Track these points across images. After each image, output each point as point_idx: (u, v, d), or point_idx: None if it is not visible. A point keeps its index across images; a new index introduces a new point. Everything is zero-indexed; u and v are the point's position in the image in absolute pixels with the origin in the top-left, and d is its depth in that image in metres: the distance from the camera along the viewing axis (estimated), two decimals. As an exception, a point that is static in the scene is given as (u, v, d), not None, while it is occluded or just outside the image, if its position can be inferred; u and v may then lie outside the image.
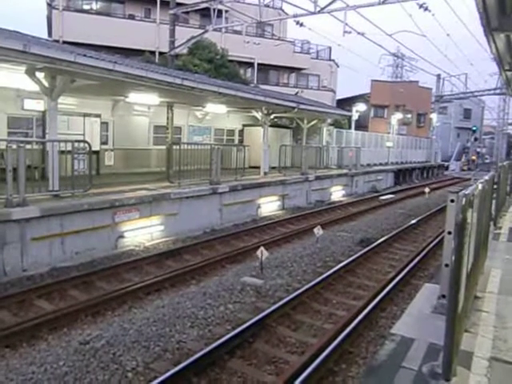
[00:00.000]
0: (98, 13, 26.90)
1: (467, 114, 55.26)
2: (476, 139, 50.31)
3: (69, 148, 9.39)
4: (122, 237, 9.71)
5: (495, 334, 3.55)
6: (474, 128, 46.73)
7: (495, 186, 7.60)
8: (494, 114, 53.47)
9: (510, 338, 3.47)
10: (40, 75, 9.27)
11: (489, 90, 39.02)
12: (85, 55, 9.21)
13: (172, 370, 4.55)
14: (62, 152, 9.48)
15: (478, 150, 51.69)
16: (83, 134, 13.58)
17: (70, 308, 6.31)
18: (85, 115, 14.01)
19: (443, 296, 4.05)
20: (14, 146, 7.90)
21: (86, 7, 27.61)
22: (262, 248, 8.30)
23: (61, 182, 9.41)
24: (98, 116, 14.58)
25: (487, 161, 52.89)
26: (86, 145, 9.91)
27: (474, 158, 47.94)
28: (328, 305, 6.94)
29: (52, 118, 9.66)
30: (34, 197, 8.46)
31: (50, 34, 25.45)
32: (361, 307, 6.46)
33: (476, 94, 39.94)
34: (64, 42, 21.42)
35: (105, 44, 23.26)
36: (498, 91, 38.36)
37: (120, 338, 5.42)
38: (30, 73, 9.06)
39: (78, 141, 10.36)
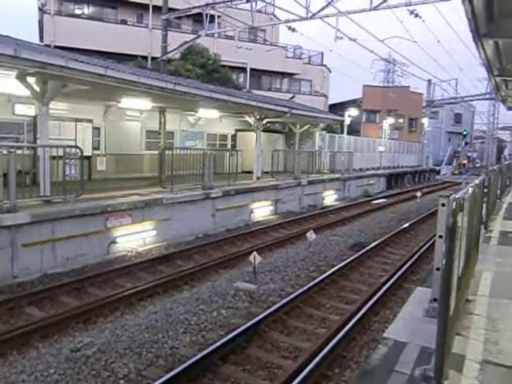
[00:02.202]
0: (90, 18, 26.85)
1: (458, 118, 55.81)
2: (467, 143, 50.71)
3: (60, 153, 9.33)
4: (114, 242, 9.64)
5: (486, 336, 3.57)
6: (465, 132, 47.13)
7: (486, 190, 7.67)
8: (484, 118, 54.07)
9: (501, 341, 3.49)
10: (31, 80, 9.22)
11: (479, 95, 39.51)
12: (76, 60, 9.19)
13: (164, 376, 4.52)
14: (54, 157, 9.42)
15: (469, 154, 52.06)
16: (75, 140, 13.50)
17: (61, 315, 6.24)
18: (76, 120, 13.93)
19: (435, 299, 4.08)
20: (5, 151, 7.82)
21: (77, 12, 27.55)
22: (254, 253, 8.29)
23: (52, 188, 9.35)
24: (90, 121, 14.50)
25: (478, 165, 53.31)
26: (78, 150, 9.85)
27: (464, 162, 48.25)
28: (321, 309, 6.93)
29: (43, 123, 9.61)
30: (25, 202, 8.38)
31: (41, 38, 25.36)
32: (354, 311, 6.47)
33: (466, 99, 40.43)
34: (56, 47, 21.33)
35: (97, 49, 23.18)
36: (487, 96, 38.83)
37: (112, 344, 5.38)
38: (21, 78, 9.01)
39: (70, 146, 10.30)
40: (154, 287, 7.61)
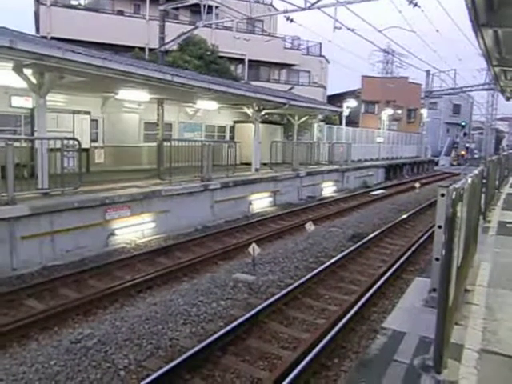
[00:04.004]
0: (86, 8, 26.60)
1: (456, 109, 55.68)
2: (465, 134, 50.73)
3: (58, 145, 9.30)
4: (113, 234, 9.65)
5: (485, 326, 3.59)
6: (463, 123, 47.09)
7: (484, 181, 7.66)
8: (483, 109, 53.99)
9: (500, 330, 3.51)
10: (28, 72, 9.14)
11: (477, 85, 39.39)
12: (73, 51, 9.10)
13: (165, 367, 4.54)
14: (51, 150, 9.39)
15: (468, 145, 52.09)
16: (73, 132, 13.46)
17: (60, 307, 6.26)
18: (74, 112, 13.88)
19: (434, 290, 4.08)
20: (2, 144, 7.80)
21: (74, 3, 27.28)
22: (253, 244, 8.30)
23: (50, 180, 9.32)
24: (88, 113, 14.44)
25: (476, 156, 53.32)
26: (76, 142, 9.82)
27: (463, 153, 48.31)
28: (320, 300, 6.96)
29: (40, 116, 9.55)
30: (23, 195, 8.37)
31: (37, 30, 25.10)
32: (353, 302, 6.50)
33: (465, 89, 40.28)
34: (52, 38, 21.14)
35: (94, 40, 22.99)
36: (486, 87, 38.71)
37: (112, 336, 5.39)
38: (18, 69, 8.93)
39: (68, 138, 10.28)
40: (154, 279, 7.62)
